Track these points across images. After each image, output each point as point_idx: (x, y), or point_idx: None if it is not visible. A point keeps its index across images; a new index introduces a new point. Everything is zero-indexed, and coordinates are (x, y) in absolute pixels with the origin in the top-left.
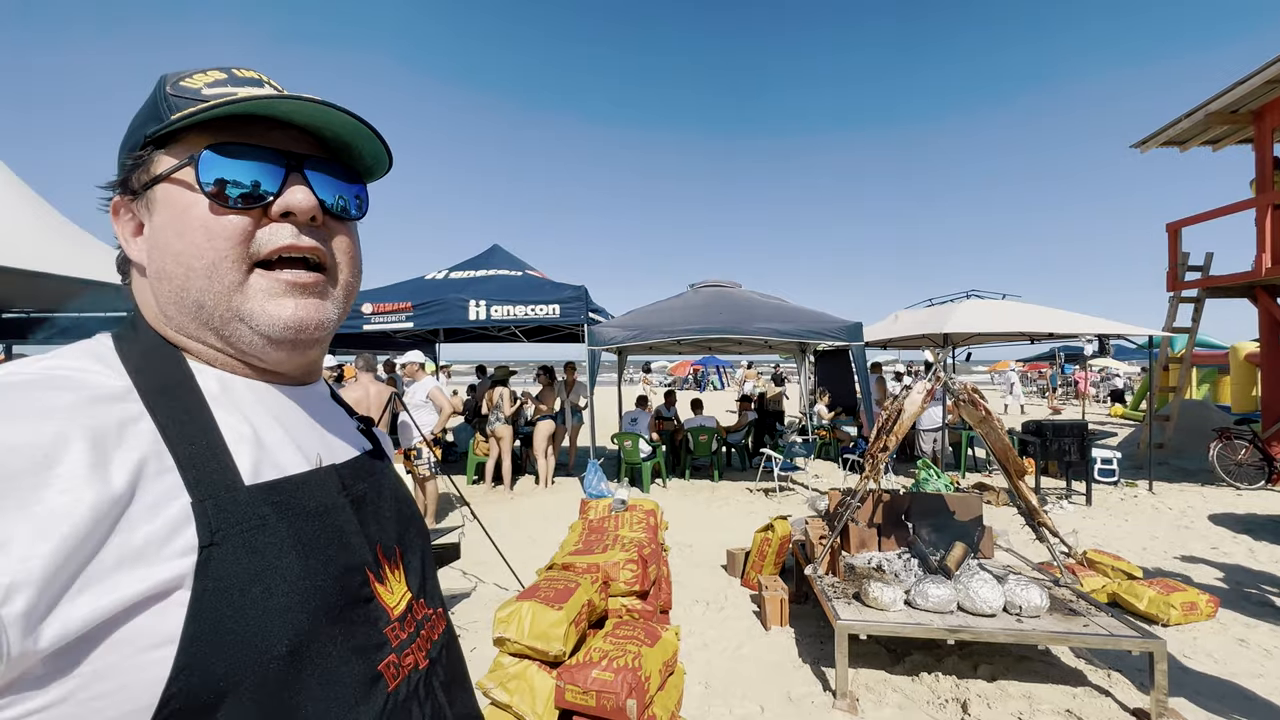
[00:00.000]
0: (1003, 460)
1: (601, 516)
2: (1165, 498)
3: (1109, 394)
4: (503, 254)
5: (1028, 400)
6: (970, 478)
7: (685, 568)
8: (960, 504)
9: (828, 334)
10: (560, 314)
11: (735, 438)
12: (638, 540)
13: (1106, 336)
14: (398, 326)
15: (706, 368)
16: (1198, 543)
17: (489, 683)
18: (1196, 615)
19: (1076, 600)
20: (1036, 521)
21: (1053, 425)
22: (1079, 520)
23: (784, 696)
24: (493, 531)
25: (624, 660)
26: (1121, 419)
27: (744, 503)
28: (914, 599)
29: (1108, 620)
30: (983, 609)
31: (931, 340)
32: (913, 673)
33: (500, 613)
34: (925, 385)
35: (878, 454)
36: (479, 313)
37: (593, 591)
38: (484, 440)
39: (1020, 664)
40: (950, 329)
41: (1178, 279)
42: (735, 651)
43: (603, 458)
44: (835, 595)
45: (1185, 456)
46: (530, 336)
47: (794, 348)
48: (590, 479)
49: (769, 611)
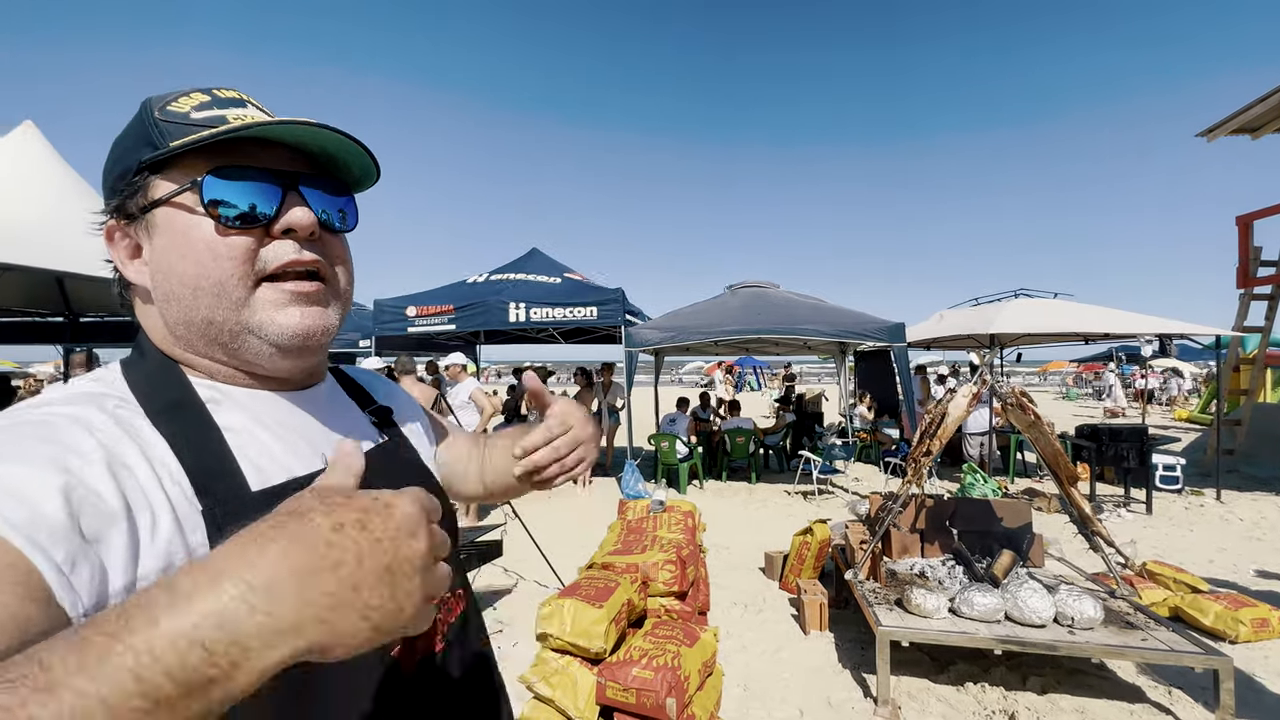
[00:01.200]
0: (1053, 466)
1: (640, 517)
2: (1235, 507)
3: (1135, 394)
4: (541, 257)
5: (1113, 403)
6: (1019, 483)
7: (723, 570)
8: (1008, 510)
9: (869, 334)
10: (598, 316)
11: (773, 439)
12: (676, 541)
13: (1168, 336)
14: (440, 328)
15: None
16: (1271, 555)
17: (532, 676)
18: (1268, 632)
19: (1134, 613)
20: (1090, 530)
21: (1109, 429)
22: (1138, 530)
23: (824, 701)
24: (532, 530)
25: (663, 659)
26: (1187, 423)
27: (782, 505)
28: (959, 607)
29: (1168, 635)
30: (1032, 619)
31: (977, 341)
32: (958, 682)
33: (543, 609)
34: (971, 388)
35: (920, 458)
36: (519, 315)
37: (632, 591)
38: None
39: (1072, 677)
40: (997, 329)
41: (1249, 275)
42: (774, 655)
43: (639, 458)
44: (876, 601)
45: (1258, 463)
46: (568, 338)
47: (833, 349)
48: (628, 480)
49: (808, 615)
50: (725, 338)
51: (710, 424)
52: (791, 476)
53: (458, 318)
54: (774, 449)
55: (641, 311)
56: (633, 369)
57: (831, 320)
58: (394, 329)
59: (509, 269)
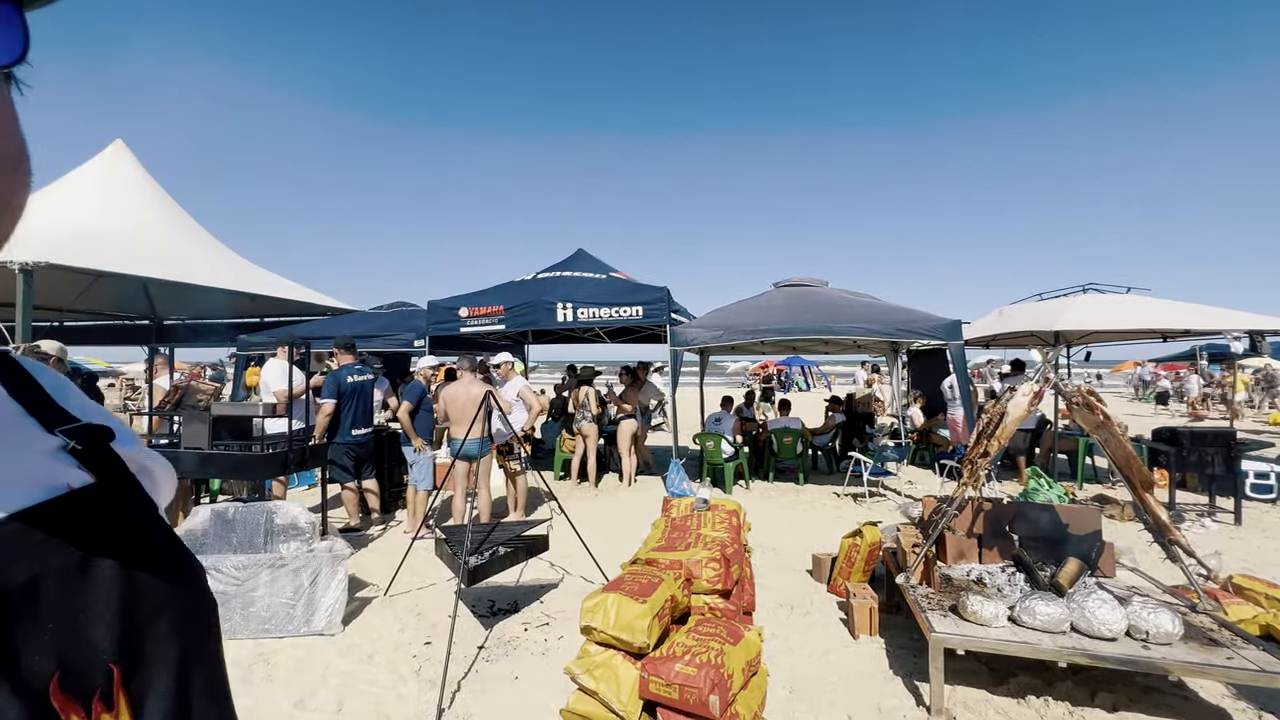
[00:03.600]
0: (1125, 470)
1: (684, 515)
2: None
3: (1155, 395)
4: (587, 257)
5: (1209, 406)
6: (1089, 489)
7: (768, 570)
8: (1075, 517)
9: (923, 333)
10: (643, 315)
11: (821, 440)
12: (720, 540)
13: (1260, 332)
14: (491, 328)
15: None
16: None
17: (577, 668)
18: None
19: (1218, 629)
20: (1168, 539)
21: (1191, 433)
22: (1224, 541)
23: (874, 708)
24: (578, 526)
25: (706, 656)
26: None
27: (830, 507)
28: (1019, 616)
29: (1257, 654)
30: (1101, 631)
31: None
32: (1019, 695)
33: (587, 603)
34: (1032, 386)
35: (977, 460)
36: (566, 315)
37: (675, 587)
38: (570, 438)
39: (1147, 696)
40: (1062, 326)
41: None
42: (821, 658)
43: (685, 458)
44: (930, 607)
45: None
46: (614, 337)
47: (885, 348)
48: (673, 478)
49: (857, 619)
50: (772, 337)
51: (754, 423)
52: (841, 478)
53: (507, 318)
54: (823, 450)
55: (686, 310)
56: (678, 368)
57: (883, 318)
58: (447, 329)
59: (555, 269)
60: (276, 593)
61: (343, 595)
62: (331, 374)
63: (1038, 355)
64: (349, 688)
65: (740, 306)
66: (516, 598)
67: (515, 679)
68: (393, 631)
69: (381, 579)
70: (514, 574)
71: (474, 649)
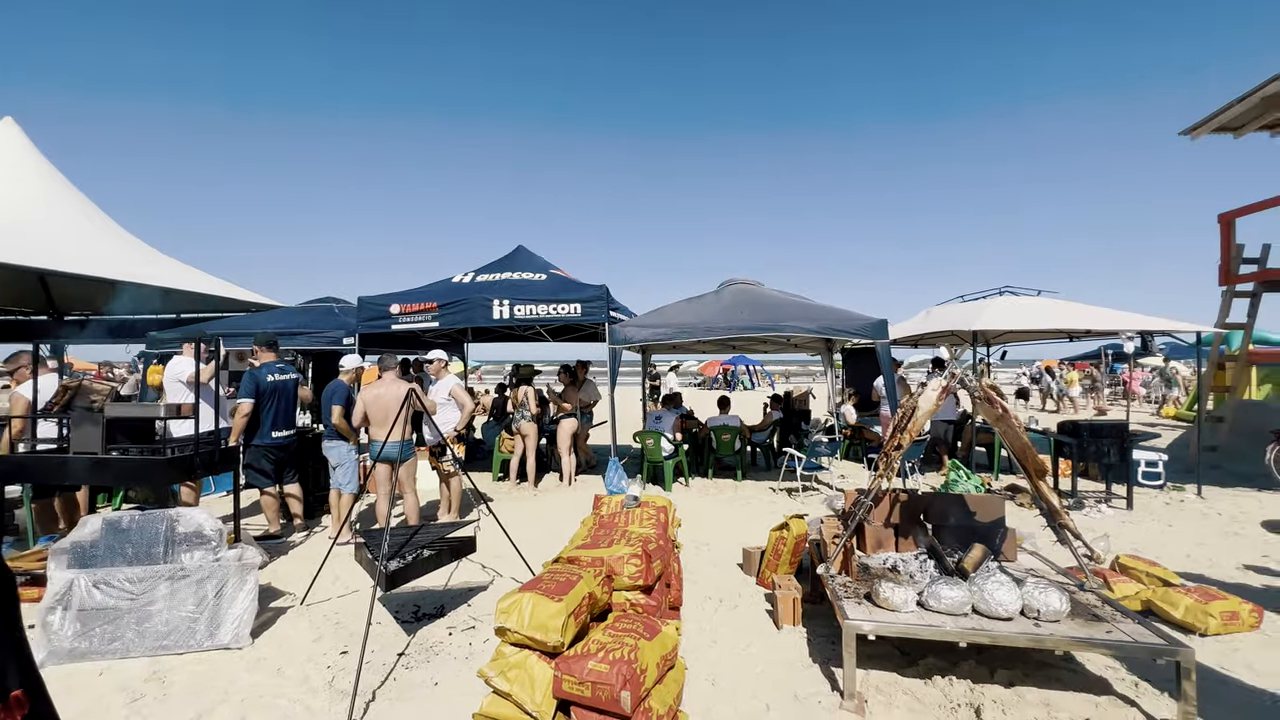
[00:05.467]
0: (1021, 459)
1: (614, 512)
2: (1215, 503)
3: (1126, 391)
4: (527, 255)
5: (1085, 399)
6: (1004, 479)
7: (702, 565)
8: (982, 505)
9: (852, 331)
10: (582, 313)
11: (760, 437)
12: (645, 535)
13: (1151, 333)
14: (424, 326)
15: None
16: (1248, 550)
17: (490, 670)
18: (1238, 625)
19: (1101, 605)
20: (1058, 523)
21: (1090, 426)
22: (1118, 525)
23: (790, 695)
24: (515, 526)
25: (620, 653)
26: (1175, 420)
27: (766, 502)
28: (927, 600)
29: (1134, 627)
30: (998, 612)
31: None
32: (926, 675)
33: (502, 603)
34: (940, 382)
35: (891, 452)
36: (503, 312)
37: (595, 585)
38: (510, 438)
39: (1041, 670)
40: (981, 326)
41: (1231, 272)
42: (745, 649)
43: (626, 456)
44: (846, 595)
45: (1241, 459)
46: (556, 336)
47: (820, 346)
48: (611, 476)
49: (781, 610)
50: (710, 336)
51: (695, 421)
52: (778, 474)
53: (441, 315)
54: (761, 446)
55: (627, 309)
56: (616, 366)
57: (816, 317)
58: (378, 326)
59: (494, 268)
60: (177, 606)
61: (252, 606)
62: (250, 372)
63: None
64: (253, 703)
65: (679, 306)
66: (443, 601)
67: (435, 685)
68: (307, 642)
69: (300, 588)
70: (442, 577)
71: (394, 656)
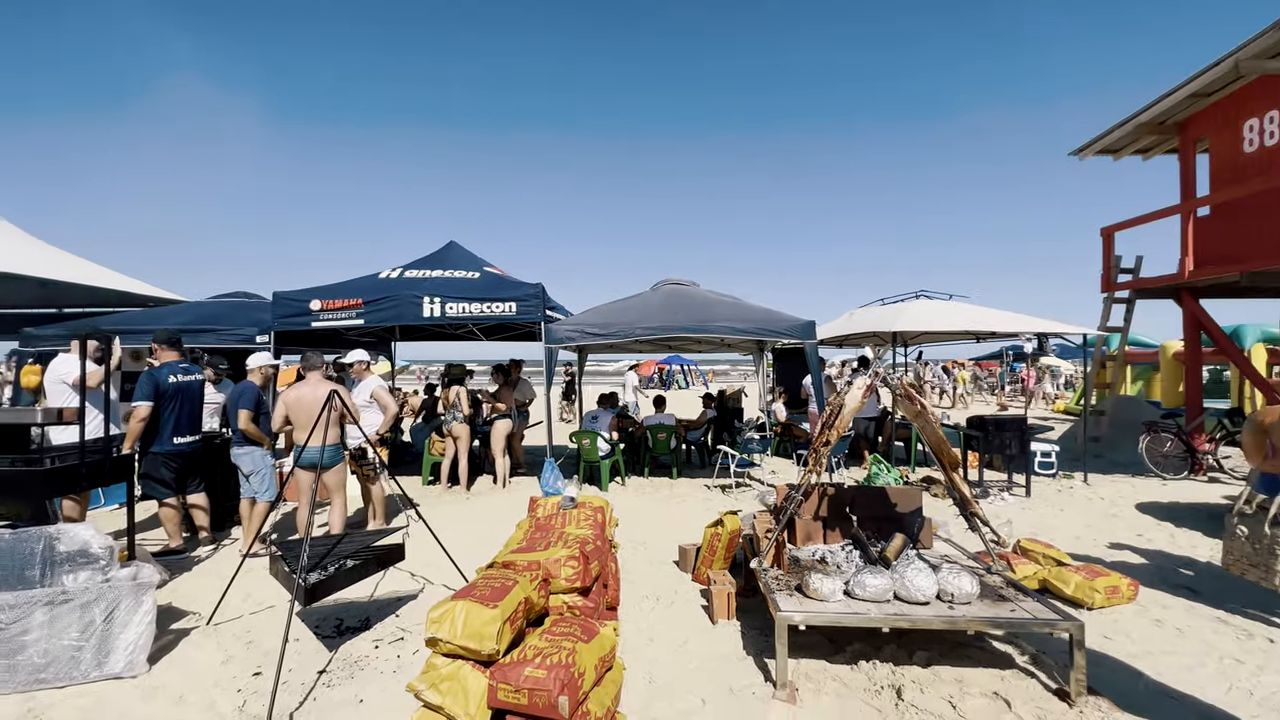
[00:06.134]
0: (937, 453)
1: (550, 514)
2: (1098, 488)
3: (1023, 389)
4: (460, 251)
5: (970, 396)
6: (920, 471)
7: (639, 564)
8: (901, 496)
9: (782, 332)
10: (517, 311)
11: (695, 435)
12: (582, 537)
13: (1046, 335)
14: (348, 324)
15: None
16: (1125, 530)
17: (420, 684)
18: (1118, 598)
19: (1005, 587)
20: (969, 512)
21: (994, 420)
22: (1018, 511)
23: (726, 689)
24: (447, 531)
25: (558, 657)
26: (1064, 414)
27: (701, 500)
28: (853, 589)
29: (1033, 605)
30: (917, 597)
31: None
32: (852, 661)
33: (433, 613)
34: (864, 381)
35: (820, 448)
36: (433, 310)
37: (531, 589)
38: (440, 440)
39: (954, 650)
40: (900, 327)
41: (1111, 281)
42: (681, 646)
43: (562, 457)
44: (778, 588)
45: (1119, 450)
46: (489, 335)
47: (752, 346)
48: (547, 477)
49: (716, 605)
50: (646, 335)
51: (631, 420)
52: (713, 471)
53: (367, 312)
54: (696, 444)
55: (563, 307)
56: (552, 366)
57: (748, 318)
58: (295, 324)
59: (424, 264)
60: (57, 634)
61: (149, 629)
62: (148, 372)
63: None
64: None
65: (615, 305)
66: (369, 613)
67: (360, 702)
68: (214, 665)
69: (207, 606)
70: (368, 588)
71: (314, 674)
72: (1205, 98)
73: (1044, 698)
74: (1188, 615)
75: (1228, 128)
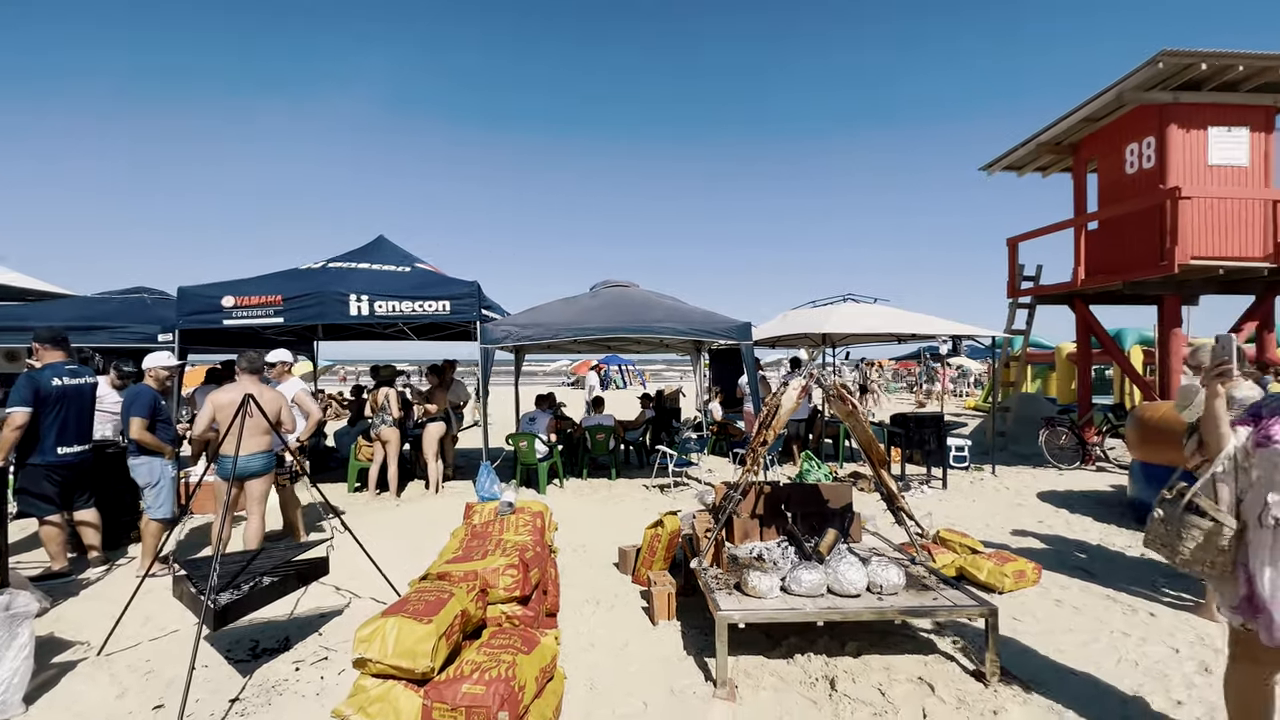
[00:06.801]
0: (867, 451)
1: (486, 521)
2: (1005, 479)
3: (941, 387)
4: (390, 246)
5: (896, 396)
6: (848, 467)
7: (579, 568)
8: (833, 493)
9: (720, 332)
10: (451, 310)
11: (633, 435)
12: (521, 544)
13: (960, 337)
14: (265, 321)
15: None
16: (1028, 518)
17: (348, 708)
18: (1025, 582)
19: (928, 576)
20: (896, 506)
21: (915, 417)
22: (936, 503)
23: (667, 690)
24: (376, 541)
25: (497, 671)
26: (974, 410)
27: (640, 500)
28: (789, 585)
29: (953, 593)
30: (849, 590)
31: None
32: (788, 655)
33: (362, 631)
34: (800, 382)
35: (758, 448)
36: (360, 308)
37: (468, 601)
38: (368, 445)
39: (883, 639)
40: (829, 329)
41: (1016, 287)
42: (622, 649)
43: (498, 460)
44: (718, 586)
45: (1021, 443)
46: (421, 334)
47: (689, 347)
48: (482, 482)
49: (656, 606)
50: (586, 336)
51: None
52: (651, 471)
53: (287, 310)
54: (634, 445)
55: (499, 306)
56: (489, 367)
57: (686, 319)
58: (204, 321)
59: (351, 257)
60: None
61: (26, 664)
62: (27, 375)
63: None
64: None
65: (554, 306)
66: (288, 633)
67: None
68: (107, 700)
69: (98, 635)
70: (286, 606)
71: (225, 704)
72: (1095, 122)
73: (963, 679)
74: (1083, 595)
75: (1113, 151)
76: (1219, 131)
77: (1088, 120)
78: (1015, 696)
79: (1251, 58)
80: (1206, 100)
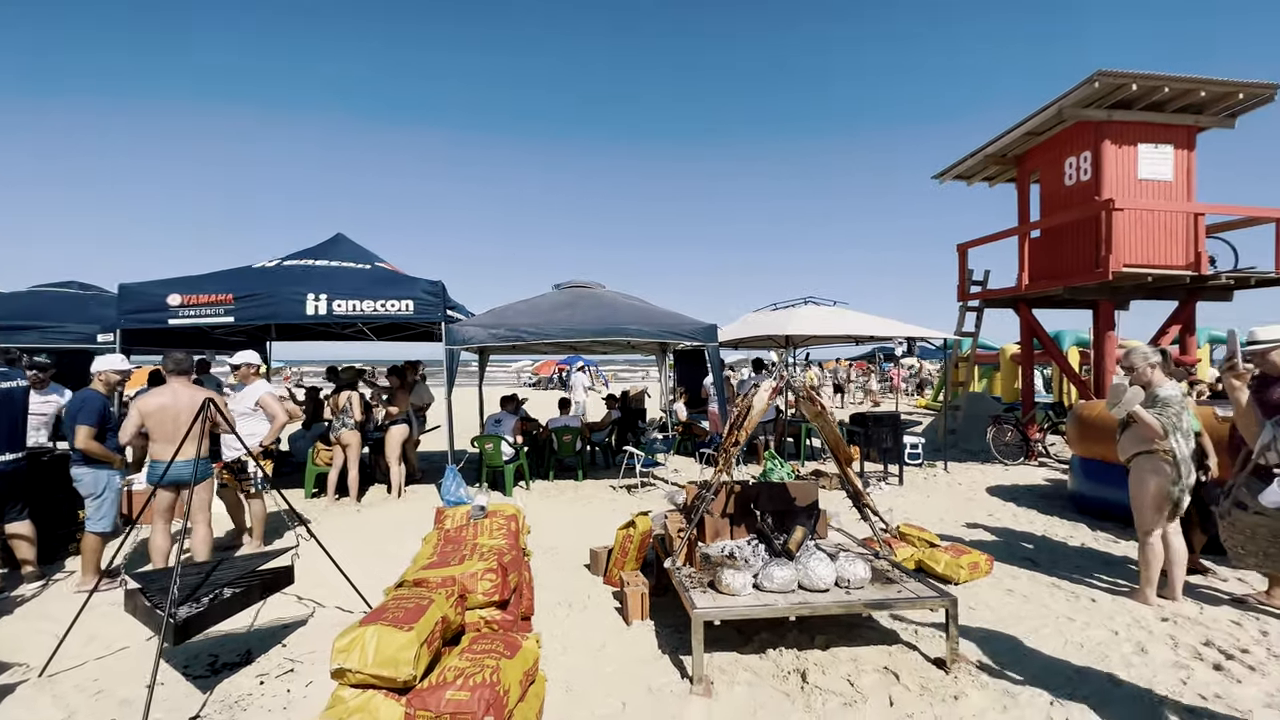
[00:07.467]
0: (833, 450)
1: (459, 525)
2: (956, 475)
3: (892, 386)
4: (349, 244)
5: (851, 396)
6: (809, 465)
7: (549, 570)
8: (799, 490)
9: (686, 334)
10: (414, 310)
11: (599, 436)
12: (497, 548)
13: (914, 339)
14: (215, 321)
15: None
16: (979, 511)
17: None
18: (979, 573)
19: (892, 570)
20: (861, 503)
21: (874, 416)
22: (894, 499)
23: (645, 689)
24: (338, 548)
25: (481, 676)
26: (926, 409)
27: (607, 501)
28: (761, 582)
29: (915, 585)
30: (819, 585)
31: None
32: (761, 650)
33: (340, 641)
34: (771, 383)
35: (730, 448)
36: (318, 307)
37: (447, 607)
38: (327, 448)
39: (850, 631)
40: (791, 331)
41: (965, 291)
42: (598, 651)
43: (462, 462)
44: (692, 585)
45: (971, 440)
46: (381, 335)
47: (655, 347)
48: (448, 485)
49: (630, 606)
50: (554, 338)
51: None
52: (617, 472)
53: (239, 309)
54: (600, 445)
55: (463, 307)
56: (454, 368)
57: (652, 320)
58: (148, 320)
59: (307, 254)
60: None
61: None
62: None
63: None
64: None
65: (519, 306)
66: (250, 645)
67: None
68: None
69: (38, 655)
70: (247, 617)
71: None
72: (1038, 136)
73: (925, 668)
74: (1031, 584)
75: (1054, 164)
76: (1148, 148)
77: (1031, 134)
78: (974, 681)
79: (1176, 80)
80: (1137, 119)
